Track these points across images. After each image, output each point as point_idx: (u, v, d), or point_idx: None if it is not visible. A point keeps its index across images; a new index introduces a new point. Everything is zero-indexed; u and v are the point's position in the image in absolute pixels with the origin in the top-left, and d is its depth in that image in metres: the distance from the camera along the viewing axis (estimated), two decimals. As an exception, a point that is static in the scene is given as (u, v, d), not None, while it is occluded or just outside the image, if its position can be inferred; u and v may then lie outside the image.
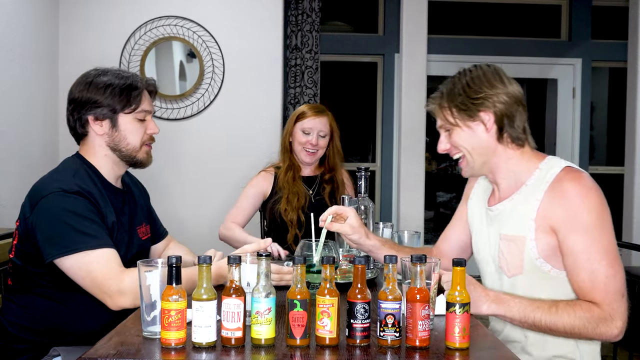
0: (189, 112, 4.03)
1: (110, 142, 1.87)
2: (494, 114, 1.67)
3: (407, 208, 4.73)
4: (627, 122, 4.50)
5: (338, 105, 6.24)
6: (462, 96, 1.69)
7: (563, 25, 6.05)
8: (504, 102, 1.67)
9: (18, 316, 1.78)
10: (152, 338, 1.39)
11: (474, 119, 1.68)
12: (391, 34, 5.66)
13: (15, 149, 3.35)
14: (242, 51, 4.07)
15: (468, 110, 1.68)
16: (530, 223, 1.65)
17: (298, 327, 1.33)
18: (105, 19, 4.00)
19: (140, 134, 1.90)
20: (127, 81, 1.86)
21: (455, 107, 1.70)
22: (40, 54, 3.74)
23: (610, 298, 1.54)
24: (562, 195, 1.60)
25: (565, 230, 1.59)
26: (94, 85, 1.84)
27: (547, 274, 1.65)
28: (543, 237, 1.63)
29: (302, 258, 1.35)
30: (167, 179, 3.99)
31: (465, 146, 1.71)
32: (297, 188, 2.69)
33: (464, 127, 1.70)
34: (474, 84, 1.69)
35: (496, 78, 1.70)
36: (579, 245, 1.57)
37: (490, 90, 1.67)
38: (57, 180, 1.77)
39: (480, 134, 1.69)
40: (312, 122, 2.70)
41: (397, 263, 1.39)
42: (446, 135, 1.75)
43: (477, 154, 1.72)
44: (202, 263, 1.33)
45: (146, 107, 1.90)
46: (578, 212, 1.57)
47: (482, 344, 1.39)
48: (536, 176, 1.68)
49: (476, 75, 1.71)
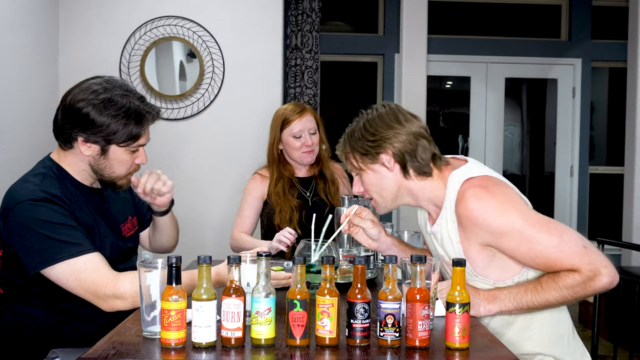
0: (189, 112, 4.03)
1: (93, 164, 1.79)
2: (392, 155, 1.71)
3: (407, 208, 4.71)
4: (627, 122, 4.50)
5: (338, 105, 6.24)
6: (360, 140, 1.73)
7: (563, 25, 6.05)
8: (402, 140, 1.70)
9: (14, 323, 1.77)
10: (152, 338, 1.39)
11: (375, 161, 1.73)
12: (391, 34, 5.66)
13: (16, 149, 3.35)
14: (242, 51, 4.07)
15: (368, 154, 1.72)
16: (457, 246, 1.69)
17: (298, 327, 1.33)
18: (105, 19, 4.00)
19: (128, 165, 1.81)
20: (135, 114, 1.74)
21: (356, 152, 1.75)
22: (40, 54, 3.74)
23: (576, 259, 1.56)
24: (468, 215, 1.63)
25: (492, 241, 1.62)
26: (99, 108, 1.71)
27: (494, 283, 1.69)
28: (476, 255, 1.67)
29: (302, 258, 1.35)
30: (167, 179, 3.99)
31: (375, 188, 1.76)
32: (288, 201, 2.64)
33: (369, 171, 1.74)
34: (370, 126, 1.72)
35: (391, 118, 1.72)
36: (513, 244, 1.61)
37: (386, 131, 1.70)
38: (23, 189, 1.71)
39: (385, 174, 1.74)
40: (299, 124, 2.66)
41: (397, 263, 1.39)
42: (357, 178, 1.80)
43: (386, 194, 1.76)
44: (202, 263, 1.33)
45: (143, 142, 1.81)
46: (488, 223, 1.60)
47: (482, 344, 1.39)
48: (448, 197, 1.71)
49: (372, 117, 1.74)
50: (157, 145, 3.95)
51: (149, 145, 1.88)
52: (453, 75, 6.20)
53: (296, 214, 2.63)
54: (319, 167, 2.78)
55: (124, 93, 1.75)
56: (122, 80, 1.82)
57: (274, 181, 2.70)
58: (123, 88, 1.77)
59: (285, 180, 2.70)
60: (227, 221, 3.87)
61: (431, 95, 5.52)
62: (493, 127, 6.03)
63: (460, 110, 6.21)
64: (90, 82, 1.77)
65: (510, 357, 1.31)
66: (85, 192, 1.83)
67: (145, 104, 1.79)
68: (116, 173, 1.80)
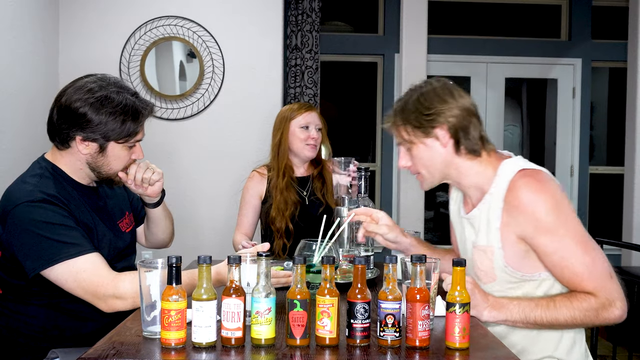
0: (189, 112, 4.03)
1: (91, 162, 1.79)
2: (447, 129, 1.69)
3: (407, 208, 4.73)
4: (627, 122, 4.50)
5: (338, 105, 6.24)
6: (414, 113, 1.70)
7: (563, 25, 6.05)
8: (456, 115, 1.68)
9: (13, 323, 1.77)
10: (152, 338, 1.39)
11: (428, 135, 1.70)
12: (391, 34, 5.66)
13: (16, 149, 3.35)
14: (242, 51, 4.07)
15: (422, 127, 1.70)
16: (496, 233, 1.67)
17: (298, 327, 1.33)
18: (105, 19, 4.00)
19: (125, 160, 1.83)
20: (132, 110, 1.75)
21: (409, 124, 1.71)
22: (41, 54, 3.74)
23: (599, 284, 1.56)
24: (517, 204, 1.61)
25: (532, 236, 1.61)
26: (96, 106, 1.72)
27: (519, 279, 1.67)
28: (510, 246, 1.65)
29: (302, 258, 1.35)
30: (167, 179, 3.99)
31: (424, 162, 1.73)
32: (288, 195, 2.65)
33: (420, 144, 1.72)
34: (425, 100, 1.70)
35: (446, 93, 1.71)
36: (549, 247, 1.59)
37: (441, 105, 1.69)
38: (20, 190, 1.70)
39: (437, 149, 1.71)
40: (308, 116, 2.71)
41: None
42: (405, 151, 1.77)
43: (434, 169, 1.74)
44: (202, 263, 1.33)
45: (139, 137, 1.83)
46: (537, 217, 1.59)
47: (482, 344, 1.39)
48: (496, 183, 1.69)
49: (427, 91, 1.72)
50: (158, 145, 3.96)
51: (150, 145, 1.89)
52: (453, 75, 6.20)
53: (292, 210, 2.64)
54: (319, 168, 2.79)
55: (118, 90, 1.76)
56: (115, 78, 1.83)
57: (277, 173, 2.70)
58: (117, 85, 1.78)
59: (289, 173, 2.72)
60: (227, 221, 3.88)
61: (431, 95, 5.50)
62: (493, 127, 6.03)
63: (460, 110, 6.20)
64: (84, 80, 1.78)
65: (511, 357, 1.31)
66: (82, 191, 1.83)
67: (140, 100, 1.80)
68: (113, 169, 1.82)
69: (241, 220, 2.76)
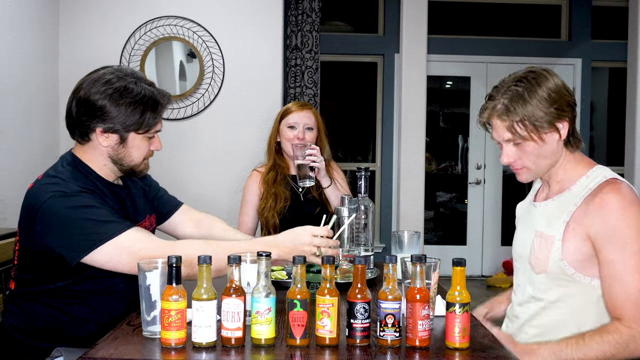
0: (189, 112, 4.03)
1: (112, 155, 1.78)
2: (569, 121, 1.64)
3: (407, 208, 4.73)
4: (627, 122, 4.50)
5: (338, 106, 6.24)
6: (540, 106, 1.59)
7: (563, 25, 6.05)
8: (574, 103, 1.64)
9: (20, 320, 1.77)
10: (152, 338, 1.39)
11: (551, 129, 1.62)
12: (391, 34, 5.66)
13: (17, 149, 3.35)
14: (242, 51, 4.07)
15: (549, 122, 1.61)
16: (562, 225, 1.64)
17: (298, 327, 1.33)
18: (105, 19, 4.00)
19: (145, 151, 1.82)
20: (150, 100, 1.75)
21: (529, 120, 1.60)
22: (40, 54, 3.74)
23: (638, 314, 1.52)
24: (601, 205, 1.58)
25: (602, 240, 1.57)
26: (115, 97, 1.71)
27: (570, 276, 1.64)
28: (573, 242, 1.62)
29: (302, 258, 1.35)
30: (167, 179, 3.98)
31: (535, 155, 1.65)
32: (277, 189, 2.66)
33: (538, 140, 1.63)
34: (555, 92, 1.61)
35: (563, 83, 1.65)
36: (614, 257, 1.56)
37: (568, 97, 1.63)
38: (54, 184, 1.68)
39: (552, 143, 1.64)
40: (296, 116, 2.69)
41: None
42: (512, 147, 1.66)
43: (545, 162, 1.67)
44: (202, 263, 1.33)
45: (159, 128, 1.83)
46: (616, 225, 1.55)
47: (482, 344, 1.39)
48: (581, 183, 1.67)
49: (554, 84, 1.62)
50: (157, 145, 3.96)
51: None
52: (453, 75, 6.20)
53: (280, 204, 2.63)
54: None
55: (136, 80, 1.76)
56: (131, 68, 1.83)
57: (267, 169, 2.73)
58: (134, 76, 1.78)
59: (279, 171, 2.72)
60: (227, 221, 3.86)
61: (431, 95, 5.52)
62: (493, 127, 6.02)
63: (460, 110, 6.21)
64: (101, 72, 1.77)
65: (511, 358, 1.31)
66: (110, 188, 1.83)
67: (157, 90, 1.81)
68: (135, 161, 1.81)
69: (242, 219, 2.77)
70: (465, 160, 6.19)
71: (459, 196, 6.24)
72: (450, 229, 6.31)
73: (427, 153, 4.92)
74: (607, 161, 6.19)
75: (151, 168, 1.98)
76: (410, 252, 1.90)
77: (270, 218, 2.64)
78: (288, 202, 2.66)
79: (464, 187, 6.13)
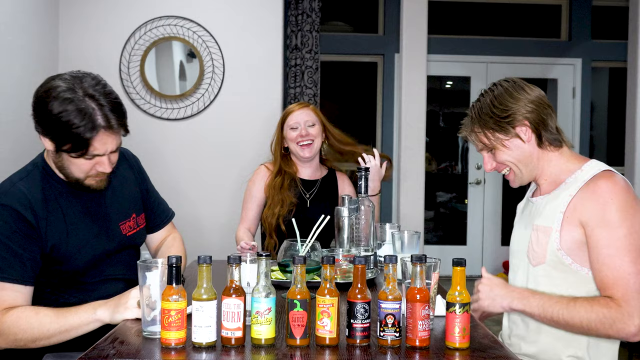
0: (189, 112, 4.03)
1: (55, 161, 1.71)
2: (528, 125, 1.71)
3: (407, 208, 4.73)
4: (627, 122, 4.50)
5: (338, 106, 6.24)
6: (492, 118, 1.72)
7: (563, 25, 6.05)
8: (532, 110, 1.71)
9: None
10: (152, 338, 1.39)
11: (510, 136, 1.72)
12: (391, 34, 5.66)
13: (16, 149, 3.35)
14: (242, 51, 4.07)
15: (502, 129, 1.72)
16: (559, 215, 1.68)
17: (298, 327, 1.33)
18: (105, 19, 4.00)
19: (85, 170, 1.69)
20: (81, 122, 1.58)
21: (488, 129, 1.73)
22: (40, 54, 3.74)
23: (630, 295, 1.55)
24: (593, 191, 1.62)
25: (592, 224, 1.61)
26: (50, 106, 1.60)
27: (567, 267, 1.67)
28: (569, 230, 1.66)
29: (302, 258, 1.35)
30: (167, 179, 3.99)
31: (511, 161, 1.75)
32: (283, 195, 2.63)
33: (503, 147, 1.74)
34: (500, 103, 1.72)
35: (517, 89, 1.73)
36: (603, 241, 1.59)
37: (515, 103, 1.71)
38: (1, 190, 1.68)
39: (521, 147, 1.73)
40: (296, 115, 2.68)
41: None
42: (489, 155, 1.79)
43: (522, 165, 1.75)
44: (202, 263, 1.33)
45: (97, 152, 1.64)
46: (606, 208, 1.59)
47: (482, 344, 1.39)
48: (576, 176, 1.71)
49: (498, 93, 1.74)
50: (158, 146, 3.96)
51: (150, 145, 1.86)
52: (453, 75, 6.20)
53: (287, 209, 2.61)
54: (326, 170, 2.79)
55: (86, 95, 1.61)
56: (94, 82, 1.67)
57: (273, 175, 2.70)
58: (88, 92, 1.62)
59: (285, 177, 2.69)
60: (227, 221, 3.88)
61: (431, 95, 5.52)
62: (493, 127, 6.03)
63: (460, 110, 6.19)
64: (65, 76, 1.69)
65: (511, 357, 1.31)
66: (71, 190, 1.77)
67: (106, 109, 1.63)
68: (74, 175, 1.70)
69: (245, 214, 2.73)
70: (465, 160, 6.19)
71: (459, 196, 6.24)
72: (450, 229, 6.31)
73: (427, 153, 4.93)
74: (607, 161, 6.18)
75: (151, 168, 1.97)
76: (410, 252, 1.90)
77: (274, 224, 2.61)
78: (293, 207, 2.63)
79: (464, 187, 6.13)
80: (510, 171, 1.78)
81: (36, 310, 1.61)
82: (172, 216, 2.18)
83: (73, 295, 1.76)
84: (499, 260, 5.97)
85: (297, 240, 1.82)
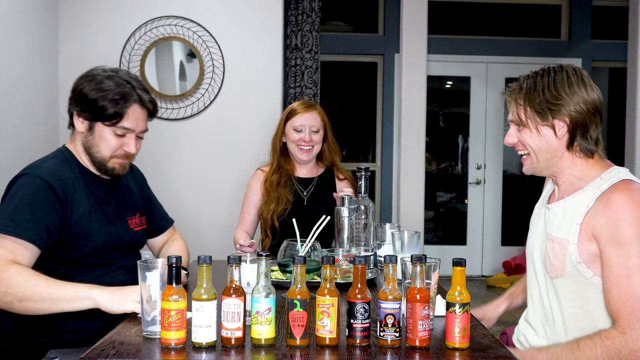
0: (189, 112, 4.03)
1: (84, 142, 1.87)
2: (567, 123, 1.63)
3: (407, 208, 4.73)
4: (627, 122, 4.50)
5: (338, 106, 6.24)
6: (539, 98, 1.63)
7: (563, 25, 6.05)
8: (581, 111, 1.62)
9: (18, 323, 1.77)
10: (152, 338, 1.39)
11: (546, 123, 1.64)
12: (391, 34, 5.66)
13: (16, 149, 3.35)
14: (242, 51, 4.07)
15: (543, 113, 1.64)
16: (575, 227, 1.61)
17: (298, 327, 1.33)
18: (105, 19, 4.00)
19: (113, 147, 1.85)
20: (119, 93, 1.81)
21: (530, 107, 1.65)
22: (40, 54, 3.74)
23: (635, 319, 1.49)
24: (607, 204, 1.55)
25: (604, 240, 1.55)
26: (89, 85, 1.82)
27: (588, 280, 1.61)
28: (585, 243, 1.60)
29: (302, 258, 1.35)
30: (167, 179, 3.99)
31: (532, 146, 1.68)
32: (280, 192, 2.63)
33: (534, 129, 1.66)
34: (555, 88, 1.63)
35: (579, 84, 1.64)
36: (613, 259, 1.53)
37: (568, 97, 1.62)
38: (33, 165, 1.82)
39: (549, 139, 1.65)
40: (302, 118, 2.66)
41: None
42: (516, 129, 1.71)
43: (542, 156, 1.68)
44: (202, 263, 1.33)
45: (128, 125, 1.84)
46: (618, 224, 1.52)
47: (482, 344, 1.39)
48: (594, 184, 1.63)
49: (559, 78, 1.64)
50: (158, 145, 3.96)
51: (150, 145, 1.89)
52: (453, 75, 6.20)
53: (281, 207, 2.61)
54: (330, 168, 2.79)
55: (123, 79, 1.84)
56: (132, 74, 1.92)
57: (271, 171, 2.70)
58: (124, 77, 1.86)
59: (283, 173, 2.70)
60: (227, 221, 3.88)
61: (431, 95, 5.52)
62: (493, 127, 6.03)
63: (460, 110, 6.21)
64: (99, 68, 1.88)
65: (511, 357, 1.31)
66: (91, 178, 1.89)
67: (140, 90, 1.86)
68: (102, 153, 1.85)
69: (243, 217, 2.75)
70: (465, 160, 6.19)
71: (459, 196, 6.24)
72: (450, 229, 6.31)
73: (427, 153, 4.93)
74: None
75: (151, 169, 1.99)
76: (410, 252, 1.90)
77: (269, 220, 2.62)
78: (290, 205, 2.63)
79: (464, 187, 6.13)
80: (528, 156, 1.71)
81: (38, 273, 1.66)
82: (172, 223, 2.27)
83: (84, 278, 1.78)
84: (498, 260, 5.97)
85: (297, 240, 1.82)
